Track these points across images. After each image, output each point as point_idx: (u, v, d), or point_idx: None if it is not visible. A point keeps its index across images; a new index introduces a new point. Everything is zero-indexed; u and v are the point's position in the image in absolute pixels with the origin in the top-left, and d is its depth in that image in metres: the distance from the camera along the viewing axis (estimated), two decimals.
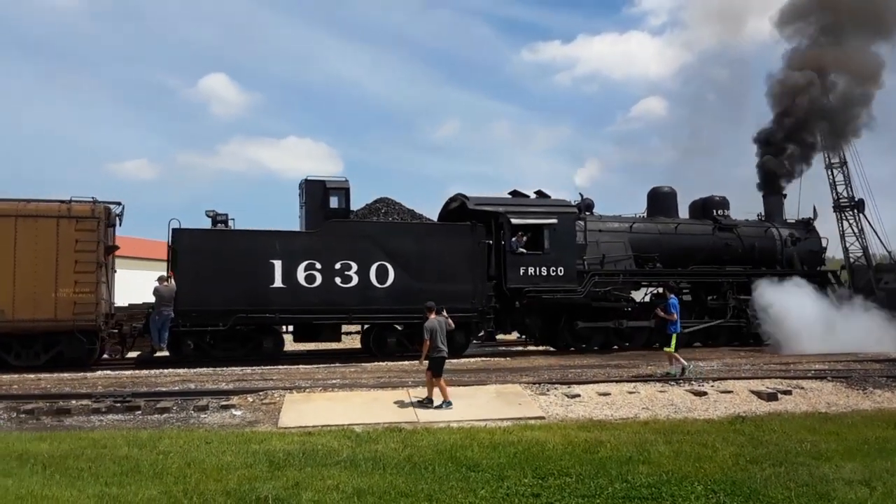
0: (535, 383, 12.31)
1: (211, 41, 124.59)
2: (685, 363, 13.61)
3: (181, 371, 14.61)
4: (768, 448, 8.19)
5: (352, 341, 21.06)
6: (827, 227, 23.82)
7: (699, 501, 6.07)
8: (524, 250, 18.32)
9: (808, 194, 24.06)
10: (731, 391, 12.11)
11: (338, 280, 16.82)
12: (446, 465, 7.15)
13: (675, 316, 13.74)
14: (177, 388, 12.17)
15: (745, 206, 25.46)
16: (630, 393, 11.84)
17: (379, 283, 17.03)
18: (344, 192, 17.77)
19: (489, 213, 18.35)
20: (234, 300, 16.08)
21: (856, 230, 23.97)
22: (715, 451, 7.92)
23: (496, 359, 17.37)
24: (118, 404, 10.71)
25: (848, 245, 24.10)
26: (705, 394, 11.90)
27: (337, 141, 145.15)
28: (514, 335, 21.22)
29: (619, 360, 16.56)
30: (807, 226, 22.99)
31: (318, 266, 16.69)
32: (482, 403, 11.10)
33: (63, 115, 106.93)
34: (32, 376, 13.64)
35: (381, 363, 16.31)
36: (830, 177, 34.11)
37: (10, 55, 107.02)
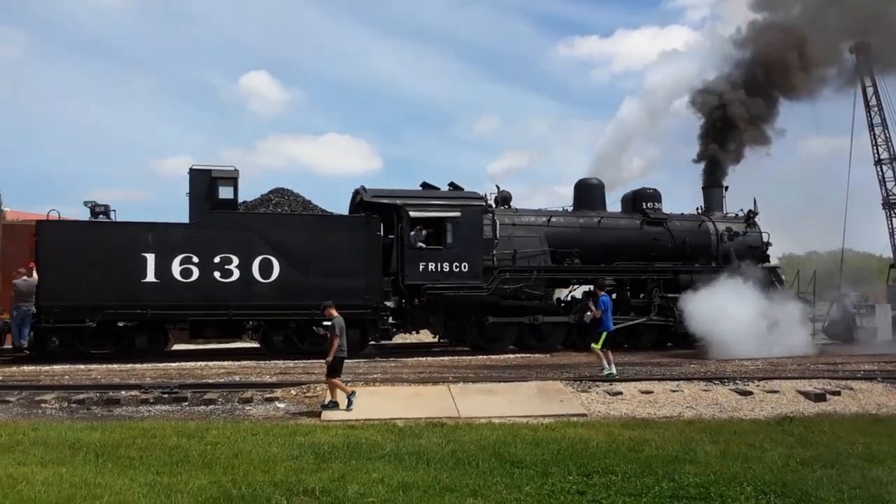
0: (576, 380, 12.25)
1: (253, 39, 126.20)
2: (610, 361, 13.12)
3: (226, 363, 14.87)
4: (818, 449, 8.03)
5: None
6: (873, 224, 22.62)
7: (749, 502, 5.97)
8: (423, 245, 17.30)
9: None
10: (778, 391, 11.88)
11: (217, 274, 15.82)
12: (490, 461, 7.15)
13: (605, 313, 13.08)
14: (222, 380, 12.41)
15: (773, 206, 24.03)
16: (673, 391, 11.70)
17: (263, 277, 16.05)
18: (232, 181, 16.70)
19: (391, 206, 17.35)
20: (101, 296, 15.27)
21: None
22: (763, 452, 7.79)
23: (536, 355, 17.28)
24: (166, 395, 10.94)
25: None
26: (751, 393, 11.70)
27: (376, 137, 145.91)
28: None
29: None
30: (747, 219, 21.21)
31: (196, 260, 15.72)
32: (523, 400, 11.07)
33: (111, 111, 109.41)
34: (83, 367, 14.01)
35: (421, 359, 16.36)
36: (879, 173, 33.02)
37: (65, 54, 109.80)
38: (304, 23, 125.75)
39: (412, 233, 17.21)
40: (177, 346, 18.50)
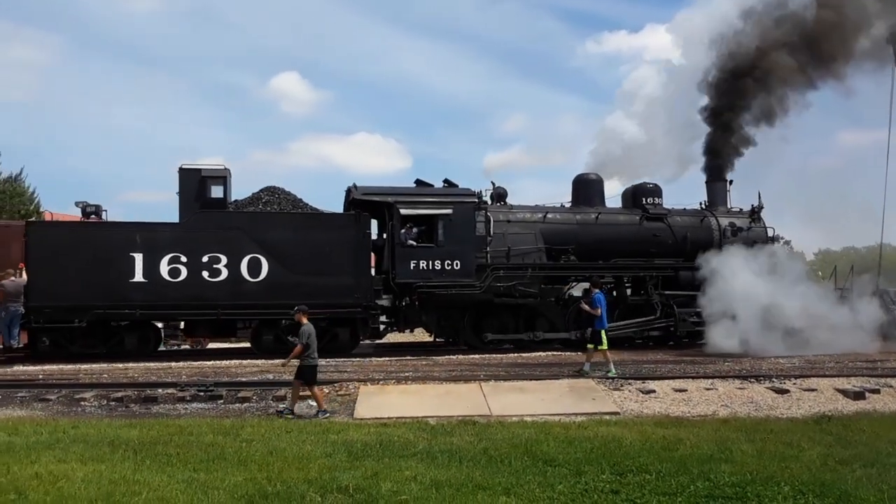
0: (608, 378, 12.16)
1: (283, 41, 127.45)
2: (587, 366, 12.95)
3: (259, 362, 15.01)
4: (858, 449, 7.87)
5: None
6: None
7: (786, 502, 5.88)
8: (414, 242, 17.03)
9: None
10: (815, 389, 11.68)
11: (205, 274, 15.79)
12: (522, 459, 7.13)
13: (600, 311, 12.89)
14: (256, 378, 12.56)
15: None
16: (707, 389, 11.57)
17: (251, 276, 15.96)
18: (222, 180, 16.67)
19: (382, 204, 17.16)
20: (90, 296, 15.35)
21: None
22: (801, 451, 7.66)
23: (567, 353, 17.18)
24: (201, 393, 11.12)
25: None
26: (787, 391, 11.52)
27: (406, 136, 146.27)
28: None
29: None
30: (752, 214, 20.53)
31: (184, 259, 15.71)
32: (555, 398, 11.04)
33: (144, 114, 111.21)
34: (121, 365, 14.27)
35: (452, 357, 16.36)
36: None
37: (100, 57, 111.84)
38: (333, 23, 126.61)
39: (403, 230, 17.01)
40: (211, 345, 18.80)
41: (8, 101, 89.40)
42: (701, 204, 20.97)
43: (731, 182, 21.18)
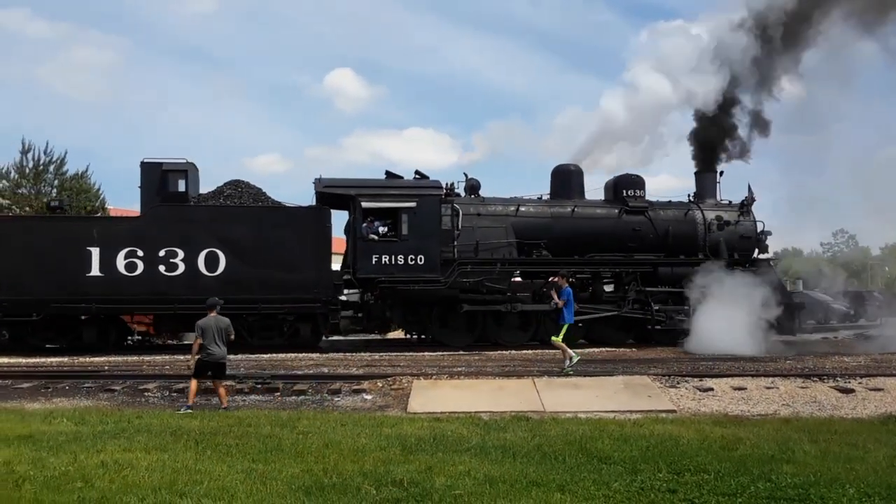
0: (664, 375, 11.96)
1: (337, 38, 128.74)
2: (572, 354, 12.69)
3: (314, 355, 15.28)
4: None
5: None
6: None
7: None
8: (375, 236, 16.76)
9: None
10: (882, 389, 11.27)
11: (161, 268, 15.81)
12: (577, 456, 7.07)
13: (565, 301, 12.49)
14: (311, 371, 12.76)
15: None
16: (768, 388, 11.27)
17: (208, 271, 15.91)
18: (183, 174, 16.49)
19: (345, 197, 16.91)
20: (48, 290, 15.53)
21: None
22: (867, 453, 7.40)
23: (622, 349, 16.99)
24: (259, 386, 11.35)
25: None
26: (852, 391, 11.14)
27: (459, 130, 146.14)
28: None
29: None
30: (741, 208, 19.60)
31: (140, 253, 15.76)
32: (609, 395, 10.90)
33: (205, 113, 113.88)
34: (182, 357, 14.65)
35: (504, 352, 16.32)
36: None
37: (162, 58, 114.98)
38: (386, 20, 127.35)
39: (364, 224, 16.76)
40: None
41: (74, 101, 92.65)
42: (689, 196, 20.06)
43: (721, 173, 20.24)
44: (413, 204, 16.82)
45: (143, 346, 18.50)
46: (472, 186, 18.71)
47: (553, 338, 12.77)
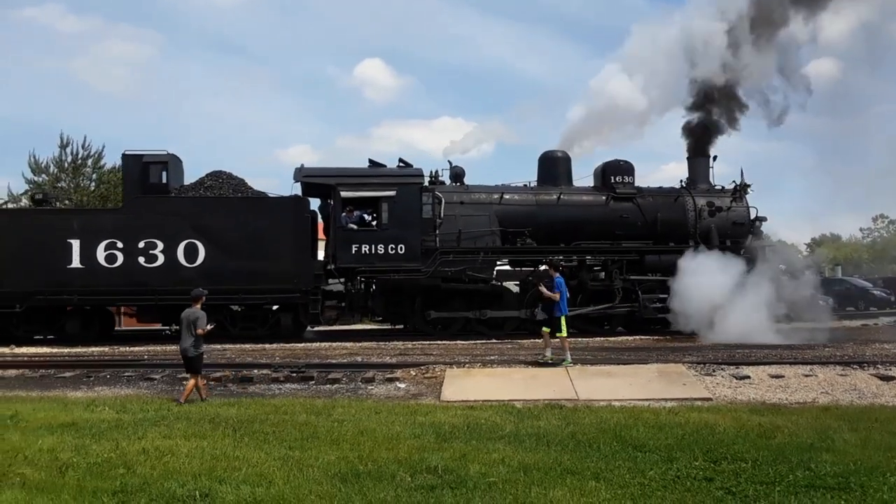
0: (699, 363, 11.85)
1: (366, 29, 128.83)
2: (548, 354, 12.26)
3: (348, 344, 15.40)
4: None
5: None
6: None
7: (893, 493, 5.58)
8: (355, 226, 16.61)
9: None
10: None
11: (141, 260, 15.92)
12: (611, 444, 7.04)
13: (559, 294, 12.03)
14: (345, 360, 12.88)
15: None
16: (806, 376, 11.09)
17: (188, 262, 15.98)
18: (163, 165, 16.57)
19: (325, 186, 16.81)
20: (31, 282, 15.73)
21: None
22: None
23: (656, 337, 16.83)
24: (294, 374, 11.49)
25: None
26: (893, 378, 10.92)
27: (488, 120, 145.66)
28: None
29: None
30: (734, 193, 19.00)
31: (120, 245, 15.90)
32: (643, 383, 10.83)
33: (236, 105, 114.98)
34: (219, 347, 14.89)
35: (538, 340, 16.26)
36: None
37: (194, 52, 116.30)
38: (415, 9, 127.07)
39: (343, 214, 16.64)
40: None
41: (107, 94, 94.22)
42: (681, 182, 19.56)
43: (714, 158, 19.62)
44: (392, 193, 16.68)
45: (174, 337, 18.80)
46: (457, 174, 18.42)
47: (558, 334, 12.17)
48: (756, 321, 15.76)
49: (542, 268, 16.85)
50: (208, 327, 10.04)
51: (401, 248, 16.61)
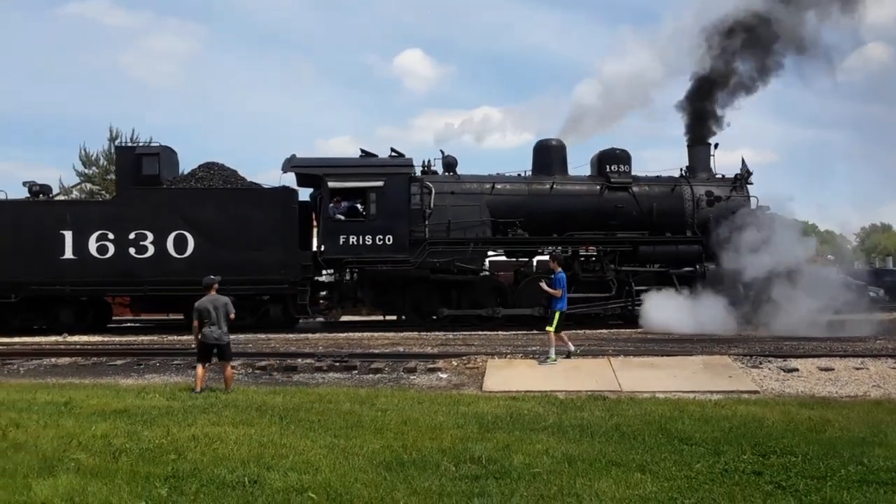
0: (746, 355, 11.67)
1: (406, 19, 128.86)
2: (572, 347, 11.79)
3: (390, 335, 15.51)
4: None
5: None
6: None
7: None
8: (342, 217, 16.51)
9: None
10: None
11: (132, 251, 16.11)
12: (657, 437, 6.97)
13: (561, 292, 11.63)
14: (387, 350, 12.98)
15: None
16: (857, 369, 10.85)
17: (177, 253, 16.13)
18: (155, 157, 16.62)
19: (314, 177, 16.70)
20: (26, 273, 15.99)
21: None
22: None
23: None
24: (337, 364, 11.63)
25: None
26: None
27: (528, 108, 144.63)
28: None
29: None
30: (734, 182, 18.38)
31: (111, 236, 16.10)
32: (688, 375, 10.71)
33: (280, 97, 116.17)
34: (263, 336, 15.15)
35: (580, 331, 16.17)
36: None
37: (237, 44, 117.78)
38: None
39: (331, 204, 16.53)
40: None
41: (155, 88, 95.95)
42: (681, 171, 18.95)
43: (716, 146, 19.01)
44: (380, 183, 16.59)
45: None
46: (449, 164, 18.11)
47: (548, 328, 11.74)
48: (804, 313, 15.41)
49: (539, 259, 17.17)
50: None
51: (388, 239, 16.55)
